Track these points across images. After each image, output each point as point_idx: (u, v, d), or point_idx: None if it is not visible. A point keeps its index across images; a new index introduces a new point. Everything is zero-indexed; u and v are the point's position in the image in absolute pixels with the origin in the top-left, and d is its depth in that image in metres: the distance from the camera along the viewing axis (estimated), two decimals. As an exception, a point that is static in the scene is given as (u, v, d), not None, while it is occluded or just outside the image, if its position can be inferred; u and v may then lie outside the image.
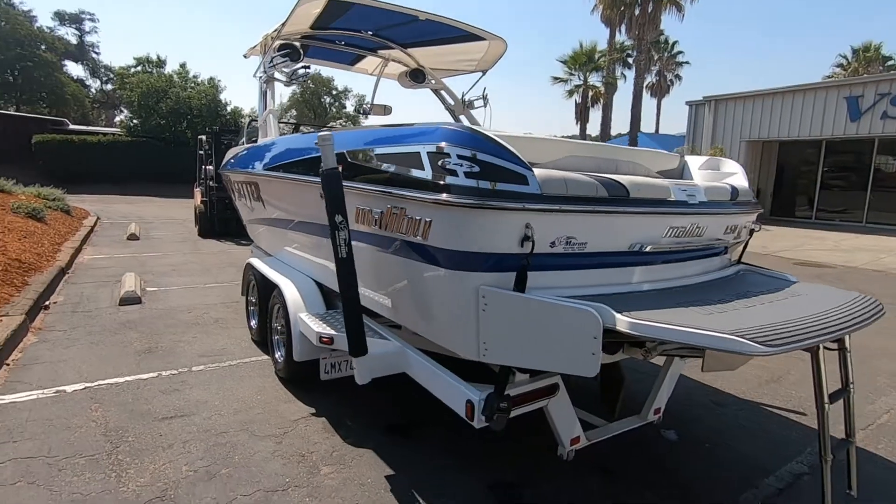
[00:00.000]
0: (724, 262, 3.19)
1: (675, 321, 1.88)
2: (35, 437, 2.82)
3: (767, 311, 2.19)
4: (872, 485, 2.77)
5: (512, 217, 2.04)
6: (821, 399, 2.18)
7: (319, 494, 2.45)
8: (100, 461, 2.63)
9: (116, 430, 2.93)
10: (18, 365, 3.81)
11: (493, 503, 2.47)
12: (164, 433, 2.93)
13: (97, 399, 3.31)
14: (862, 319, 2.17)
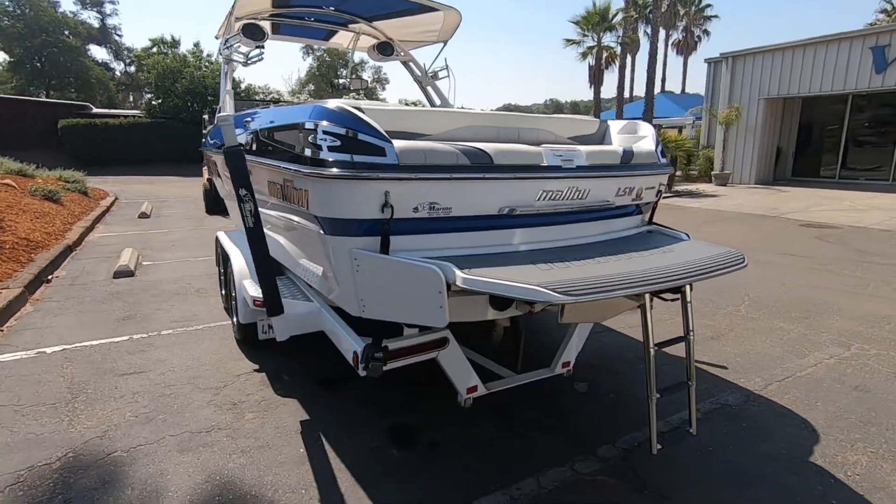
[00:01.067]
0: (636, 222, 3.32)
1: (501, 277, 2.07)
2: (9, 390, 3.26)
3: (610, 266, 2.36)
4: (740, 430, 2.93)
5: (371, 186, 2.25)
6: (647, 345, 2.36)
7: (237, 435, 2.80)
8: (58, 408, 3.04)
9: (79, 384, 3.35)
10: (11, 331, 4.30)
11: (388, 442, 2.77)
12: (120, 386, 3.33)
13: (70, 359, 3.75)
14: (697, 274, 2.33)
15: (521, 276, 2.12)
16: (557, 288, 1.94)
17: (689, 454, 2.70)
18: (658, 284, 2.17)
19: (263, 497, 2.31)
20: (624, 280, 2.12)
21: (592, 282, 2.04)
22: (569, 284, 1.98)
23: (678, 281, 2.23)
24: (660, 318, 4.48)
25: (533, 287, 1.94)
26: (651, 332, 2.37)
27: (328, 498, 2.31)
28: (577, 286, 1.97)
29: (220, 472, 2.48)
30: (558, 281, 2.01)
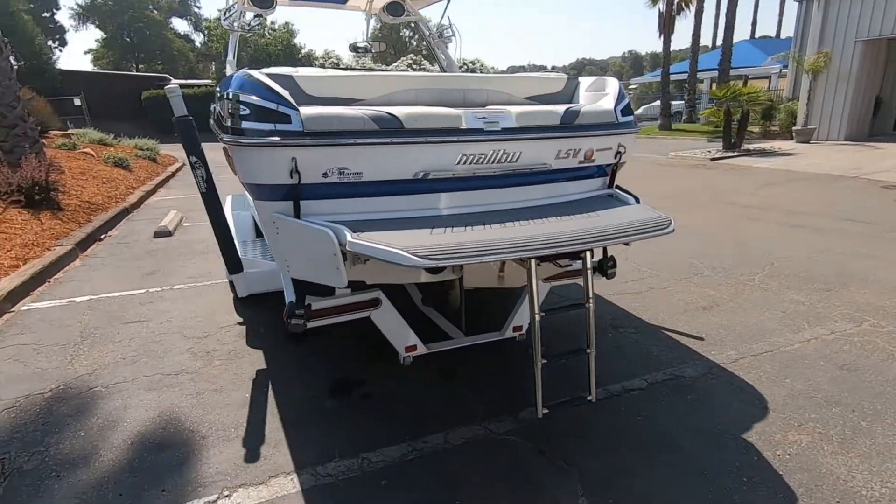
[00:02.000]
0: (596, 185, 3.18)
1: (387, 240, 2.12)
2: (35, 332, 3.83)
3: (512, 231, 2.33)
4: (682, 402, 2.81)
5: (278, 153, 2.35)
6: (532, 310, 2.31)
7: (199, 379, 3.13)
8: (66, 349, 3.55)
9: (90, 329, 3.86)
10: (57, 282, 4.97)
11: (326, 392, 2.97)
12: (121, 332, 3.80)
13: (92, 307, 4.30)
14: (596, 240, 2.25)
15: (405, 239, 2.16)
16: (419, 252, 1.97)
17: (614, 422, 2.66)
18: (540, 251, 2.12)
19: (198, 432, 2.61)
20: (501, 246, 2.10)
21: (465, 247, 2.04)
22: (436, 249, 2.00)
23: (565, 247, 2.16)
24: (687, 290, 4.33)
25: (394, 250, 1.99)
26: (536, 297, 2.33)
27: (251, 437, 2.56)
28: (441, 251, 1.99)
29: (171, 410, 2.81)
30: (429, 245, 2.04)
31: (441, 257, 1.97)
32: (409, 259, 1.95)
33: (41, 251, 5.46)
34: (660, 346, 3.47)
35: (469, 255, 2.01)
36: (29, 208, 6.43)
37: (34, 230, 5.93)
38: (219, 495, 2.18)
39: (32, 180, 6.57)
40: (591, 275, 2.42)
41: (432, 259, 1.95)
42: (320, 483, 2.24)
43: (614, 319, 3.91)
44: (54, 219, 6.47)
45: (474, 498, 2.15)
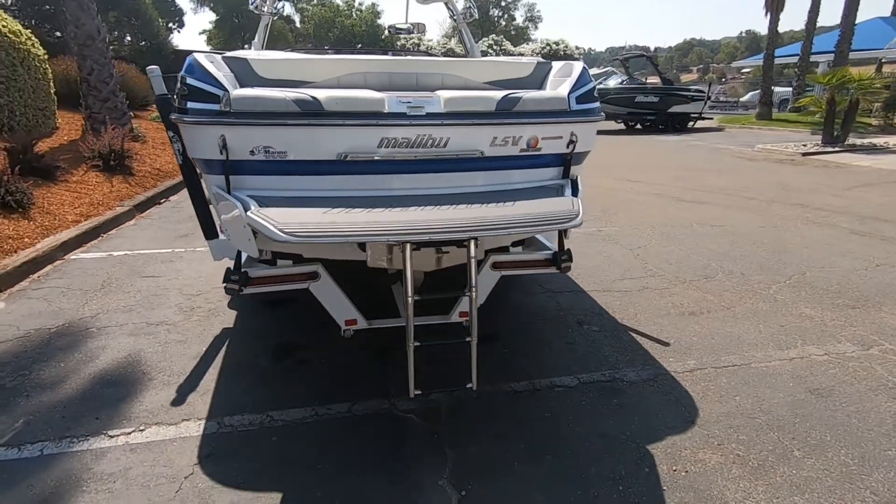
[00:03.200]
0: (549, 174, 3.07)
1: (276, 216, 2.25)
2: (69, 277, 4.48)
3: (406, 215, 2.35)
4: (601, 405, 2.69)
5: (209, 130, 2.56)
6: (405, 294, 2.31)
7: (173, 330, 3.51)
8: (86, 294, 4.12)
9: (112, 280, 4.44)
10: (107, 238, 5.72)
11: (267, 353, 3.21)
12: (134, 284, 4.33)
13: (123, 262, 4.92)
14: (480, 230, 2.21)
15: (296, 216, 2.28)
16: (285, 228, 2.08)
17: (520, 416, 2.62)
18: (411, 236, 2.13)
19: (148, 375, 2.96)
20: (375, 229, 2.14)
21: (334, 228, 2.12)
22: (306, 227, 2.11)
23: (441, 234, 2.16)
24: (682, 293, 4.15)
25: (265, 223, 2.13)
26: (409, 283, 2.33)
27: (187, 384, 2.86)
28: (307, 230, 2.09)
29: (138, 354, 3.20)
30: (306, 223, 2.14)
31: (302, 234, 2.07)
32: (273, 233, 2.08)
33: (104, 210, 6.29)
34: (614, 347, 3.31)
35: (331, 235, 2.10)
36: (105, 172, 7.39)
37: (104, 191, 6.82)
38: (135, 429, 2.49)
39: (110, 148, 7.53)
40: (474, 264, 2.38)
41: (293, 235, 2.06)
42: (219, 431, 2.47)
43: (584, 316, 3.77)
44: (124, 182, 7.38)
45: (338, 464, 2.26)
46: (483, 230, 2.26)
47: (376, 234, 2.16)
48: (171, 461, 2.27)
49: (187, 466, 2.24)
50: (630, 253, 5.22)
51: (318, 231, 2.13)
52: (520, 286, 4.25)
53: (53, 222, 5.52)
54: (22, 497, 2.07)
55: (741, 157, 12.42)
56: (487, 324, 3.43)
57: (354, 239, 2.17)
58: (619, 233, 5.91)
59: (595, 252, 5.22)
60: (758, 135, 17.40)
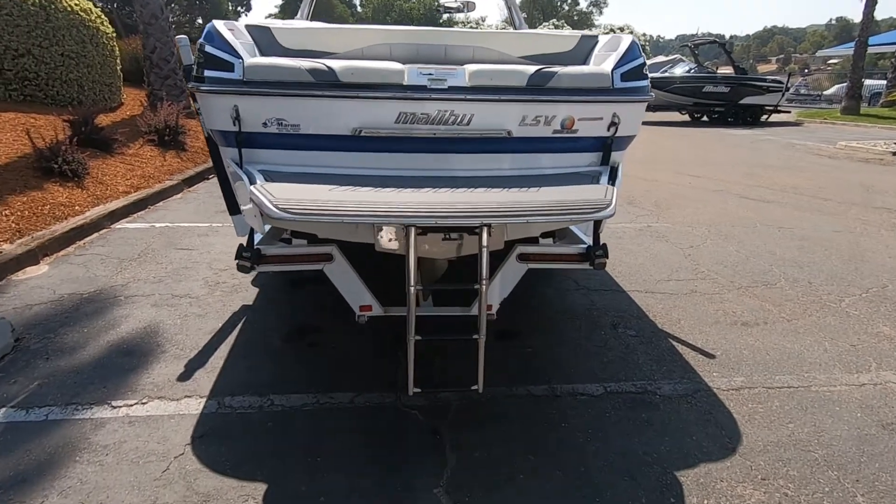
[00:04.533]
0: (585, 160, 2.77)
1: (278, 191, 2.11)
2: (110, 245, 4.62)
3: (417, 196, 2.14)
4: (626, 419, 2.39)
5: (221, 100, 2.45)
6: (407, 283, 2.10)
7: (196, 304, 3.51)
8: (122, 263, 4.22)
9: (149, 250, 4.54)
10: (153, 210, 5.90)
11: (281, 333, 3.13)
12: (169, 256, 4.40)
13: (162, 233, 5.03)
14: (495, 216, 1.96)
15: (298, 192, 2.13)
16: (280, 203, 1.93)
17: (533, 425, 2.38)
18: (415, 219, 1.93)
19: (161, 347, 2.95)
20: (376, 210, 1.96)
21: (332, 206, 1.95)
22: (303, 204, 1.95)
23: (449, 219, 1.94)
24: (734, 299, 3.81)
25: (262, 198, 1.99)
26: (412, 271, 2.12)
27: (197, 360, 2.82)
28: (304, 207, 1.93)
29: (158, 325, 3.21)
30: (305, 199, 1.99)
31: (297, 212, 1.92)
32: (268, 208, 1.94)
33: (154, 183, 6.50)
34: (650, 355, 2.99)
35: (329, 214, 1.93)
36: (159, 146, 7.65)
37: (156, 165, 7.06)
38: (138, 401, 2.46)
39: (165, 123, 7.78)
40: (486, 254, 2.14)
41: (288, 212, 1.91)
42: (218, 411, 2.40)
43: (619, 318, 3.45)
44: (176, 157, 7.62)
45: (330, 458, 2.12)
46: (496, 216, 2.03)
47: (378, 215, 1.98)
48: (166, 438, 2.21)
49: (180, 446, 2.17)
50: (680, 252, 4.79)
51: (315, 209, 1.97)
52: (550, 281, 3.97)
53: (105, 192, 5.75)
54: (18, 462, 2.07)
55: (819, 154, 11.32)
56: (510, 318, 3.21)
57: (354, 219, 2.00)
58: (671, 230, 5.46)
59: (641, 249, 4.83)
60: (840, 131, 15.87)
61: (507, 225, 2.51)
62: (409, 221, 2.00)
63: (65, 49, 8.08)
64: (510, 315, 3.25)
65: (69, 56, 8.16)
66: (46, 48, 7.82)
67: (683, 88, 17.04)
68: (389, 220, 1.99)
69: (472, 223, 2.04)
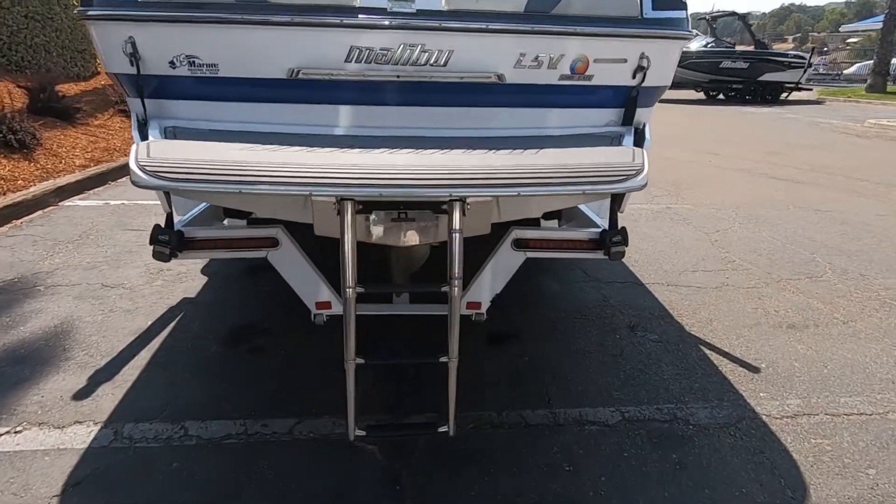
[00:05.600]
0: (597, 119, 2.12)
1: (163, 152, 1.50)
2: (51, 226, 4.03)
3: (357, 158, 1.53)
4: (650, 462, 1.79)
5: (112, 30, 1.83)
6: (343, 283, 1.50)
7: (128, 296, 2.91)
8: (56, 246, 3.62)
9: (93, 231, 3.94)
10: (113, 186, 5.28)
11: (217, 337, 2.53)
12: (113, 237, 3.79)
13: (115, 211, 4.43)
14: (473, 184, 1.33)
15: (189, 153, 1.53)
16: (149, 165, 1.32)
17: (525, 464, 1.79)
18: (353, 189, 1.31)
19: (68, 352, 2.36)
20: (298, 176, 1.34)
21: (239, 170, 1.34)
22: (181, 165, 1.34)
23: (401, 188, 1.31)
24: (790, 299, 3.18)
25: (133, 159, 1.38)
26: (349, 266, 1.51)
27: (105, 371, 2.24)
28: (189, 169, 1.32)
29: (73, 323, 2.62)
30: (189, 159, 1.38)
31: (169, 175, 1.31)
32: (134, 172, 1.34)
33: (118, 156, 5.88)
34: (678, 368, 2.38)
35: (216, 179, 1.32)
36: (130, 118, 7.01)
37: (124, 137, 6.43)
38: (10, 429, 1.88)
39: (136, 92, 7.12)
40: (457, 242, 1.52)
41: (157, 176, 1.31)
42: (111, 445, 1.82)
43: (638, 318, 2.83)
44: (148, 129, 6.99)
45: (249, 521, 1.55)
46: (473, 185, 1.41)
47: (296, 181, 1.37)
48: (28, 486, 1.64)
49: (44, 499, 1.60)
50: (705, 238, 4.14)
51: (201, 172, 1.37)
52: (554, 270, 3.35)
53: (58, 166, 5.14)
54: None
55: (847, 133, 10.52)
56: (502, 318, 2.62)
57: (256, 187, 1.39)
58: (693, 212, 4.80)
59: (660, 234, 4.19)
60: (866, 109, 14.95)
61: (498, 200, 1.89)
62: (341, 192, 1.39)
63: (29, 10, 7.39)
64: (503, 314, 2.65)
65: (34, 18, 7.47)
66: (8, 8, 7.13)
67: (699, 64, 16.08)
68: (312, 189, 1.39)
69: (437, 194, 1.42)
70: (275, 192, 1.40)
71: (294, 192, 1.39)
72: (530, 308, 2.91)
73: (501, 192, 1.45)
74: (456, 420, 1.63)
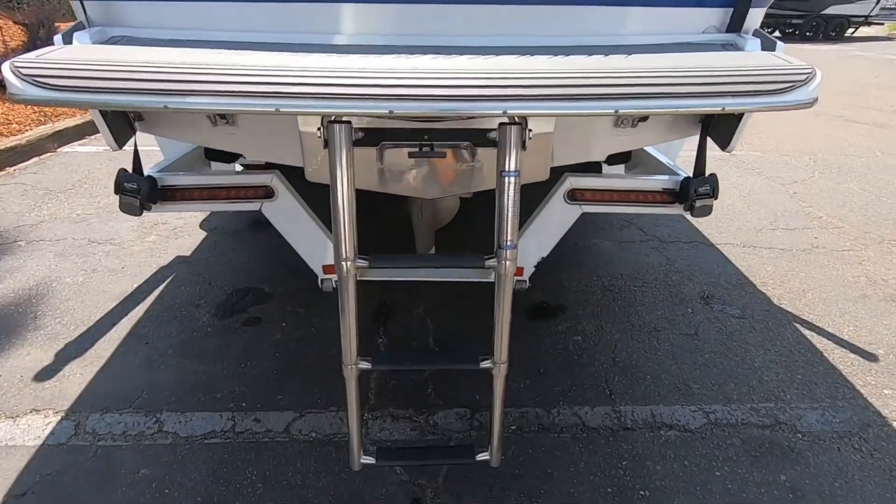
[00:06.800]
0: (692, 22, 1.55)
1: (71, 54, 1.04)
2: (45, 174, 3.68)
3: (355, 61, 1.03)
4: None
5: None
6: (338, 256, 1.04)
7: (115, 253, 2.55)
8: (46, 196, 3.27)
9: (88, 180, 3.57)
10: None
11: (215, 304, 2.16)
12: (108, 187, 3.43)
13: (115, 158, 4.06)
14: (537, 93, 0.84)
15: (121, 55, 1.06)
16: (27, 69, 0.87)
17: (584, 484, 1.39)
18: (344, 103, 0.83)
19: (40, 321, 2.02)
20: (258, 82, 0.87)
21: (155, 74, 0.88)
22: (83, 69, 0.89)
23: (427, 104, 0.84)
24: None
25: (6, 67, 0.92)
26: (346, 226, 1.05)
27: (76, 344, 1.89)
28: (90, 74, 0.87)
29: (50, 284, 2.28)
30: (71, 62, 0.92)
31: (61, 83, 0.86)
32: (7, 80, 0.88)
33: (123, 99, 5.48)
34: (771, 353, 1.90)
35: (126, 87, 0.87)
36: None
37: (129, 79, 6.01)
38: (-44, 419, 1.58)
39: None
40: (511, 185, 1.03)
41: (38, 84, 0.86)
42: (71, 442, 1.48)
43: (712, 286, 2.33)
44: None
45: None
46: (535, 95, 0.91)
47: (248, 91, 0.90)
48: (-41, 498, 1.33)
49: (-25, 515, 1.29)
50: (782, 190, 3.53)
51: (100, 78, 0.91)
52: (607, 227, 2.84)
53: (57, 108, 4.77)
54: None
55: (929, 71, 9.29)
56: (547, 284, 2.18)
57: (185, 99, 0.93)
58: (763, 160, 4.14)
59: (728, 185, 3.59)
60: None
61: (569, 127, 1.37)
62: (326, 107, 0.92)
63: (25, -60, 6.86)
64: (546, 279, 2.20)
65: (32, -51, 6.95)
66: (3, -61, 6.62)
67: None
68: (277, 103, 0.91)
69: (481, 110, 0.92)
70: (218, 106, 0.94)
71: (248, 106, 0.92)
72: (579, 273, 2.44)
73: (586, 106, 0.93)
74: (501, 444, 1.21)
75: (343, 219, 1.05)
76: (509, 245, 1.06)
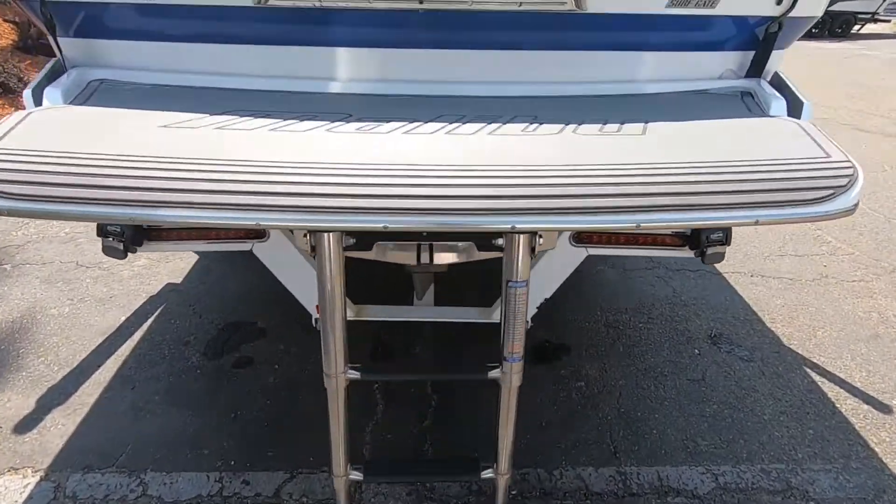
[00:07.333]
0: (713, 68, 1.46)
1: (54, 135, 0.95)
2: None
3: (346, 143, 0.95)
4: None
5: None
6: (324, 299, 0.98)
7: (102, 280, 2.46)
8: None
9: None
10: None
11: (206, 342, 2.08)
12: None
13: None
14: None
15: (96, 138, 0.97)
16: None
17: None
18: (332, 217, 0.76)
19: (19, 358, 1.95)
20: (236, 190, 0.79)
21: (112, 177, 0.80)
22: (32, 167, 0.80)
23: (434, 217, 0.77)
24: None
25: None
26: (335, 292, 0.98)
27: (59, 389, 1.82)
28: (37, 178, 0.79)
29: (31, 316, 2.20)
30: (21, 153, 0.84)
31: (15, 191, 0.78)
32: None
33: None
34: (782, 404, 1.83)
35: (80, 197, 0.80)
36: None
37: (122, 79, 5.87)
38: (-71, 478, 1.51)
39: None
40: (519, 297, 0.96)
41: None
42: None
43: (719, 322, 2.26)
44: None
45: None
46: (545, 210, 0.84)
47: (224, 203, 0.83)
48: (-69, 575, 1.26)
49: None
50: (790, 209, 3.44)
51: (50, 183, 0.83)
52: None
53: (47, 113, 4.66)
54: None
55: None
56: (549, 320, 2.11)
57: (154, 211, 0.86)
58: (770, 175, 4.04)
59: (734, 204, 3.50)
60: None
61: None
62: (312, 221, 0.84)
63: (16, -67, 6.68)
64: (549, 315, 2.13)
65: (22, -58, 6.77)
66: (-8, -69, 6.43)
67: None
68: (259, 217, 0.83)
69: (485, 224, 0.85)
70: (192, 218, 0.87)
71: (227, 219, 0.85)
72: (583, 307, 2.36)
73: (605, 220, 0.85)
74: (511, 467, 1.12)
75: (333, 331, 1.00)
76: (515, 358, 0.98)
